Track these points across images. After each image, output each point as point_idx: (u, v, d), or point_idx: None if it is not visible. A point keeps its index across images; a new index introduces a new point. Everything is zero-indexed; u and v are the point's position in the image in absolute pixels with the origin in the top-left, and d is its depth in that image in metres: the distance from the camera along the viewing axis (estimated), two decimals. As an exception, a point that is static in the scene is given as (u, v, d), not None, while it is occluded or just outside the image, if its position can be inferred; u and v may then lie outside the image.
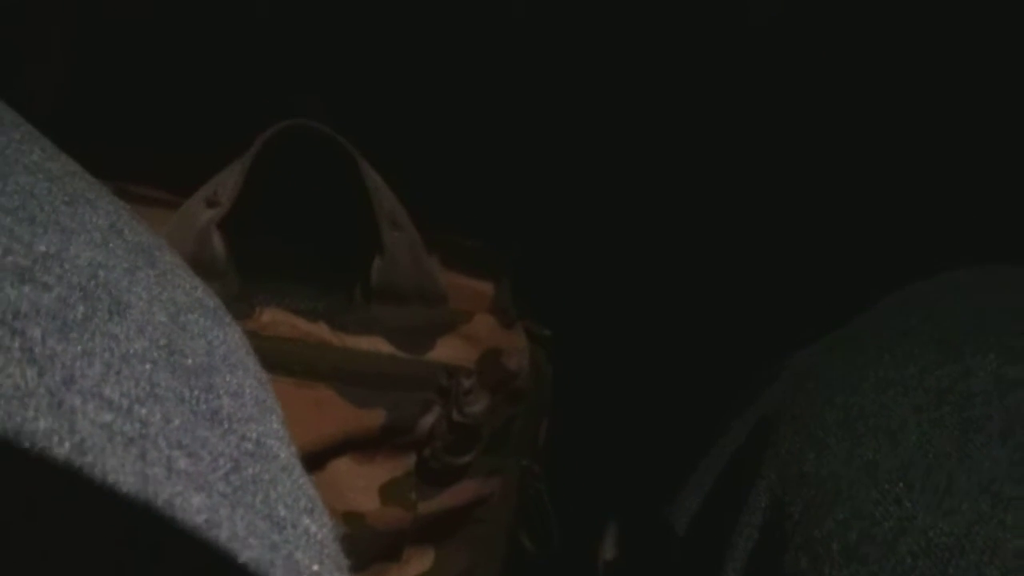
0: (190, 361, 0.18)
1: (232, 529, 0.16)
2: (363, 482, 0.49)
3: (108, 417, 0.15)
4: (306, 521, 0.18)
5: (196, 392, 0.17)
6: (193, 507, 0.15)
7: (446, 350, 0.50)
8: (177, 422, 0.16)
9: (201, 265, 0.48)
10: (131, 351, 0.16)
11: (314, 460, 0.48)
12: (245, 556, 0.16)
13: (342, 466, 0.49)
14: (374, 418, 0.48)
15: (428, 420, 0.49)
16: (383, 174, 0.49)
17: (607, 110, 0.57)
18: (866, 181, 0.53)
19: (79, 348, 0.15)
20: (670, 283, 0.58)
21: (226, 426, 0.17)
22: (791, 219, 0.55)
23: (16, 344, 0.15)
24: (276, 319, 0.48)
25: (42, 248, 0.16)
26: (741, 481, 0.33)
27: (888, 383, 0.28)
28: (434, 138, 0.57)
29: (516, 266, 0.53)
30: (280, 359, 0.48)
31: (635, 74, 0.55)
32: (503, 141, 0.58)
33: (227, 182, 0.48)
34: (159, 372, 0.16)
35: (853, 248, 0.52)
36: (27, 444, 0.14)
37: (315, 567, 0.17)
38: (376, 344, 0.49)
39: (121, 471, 0.15)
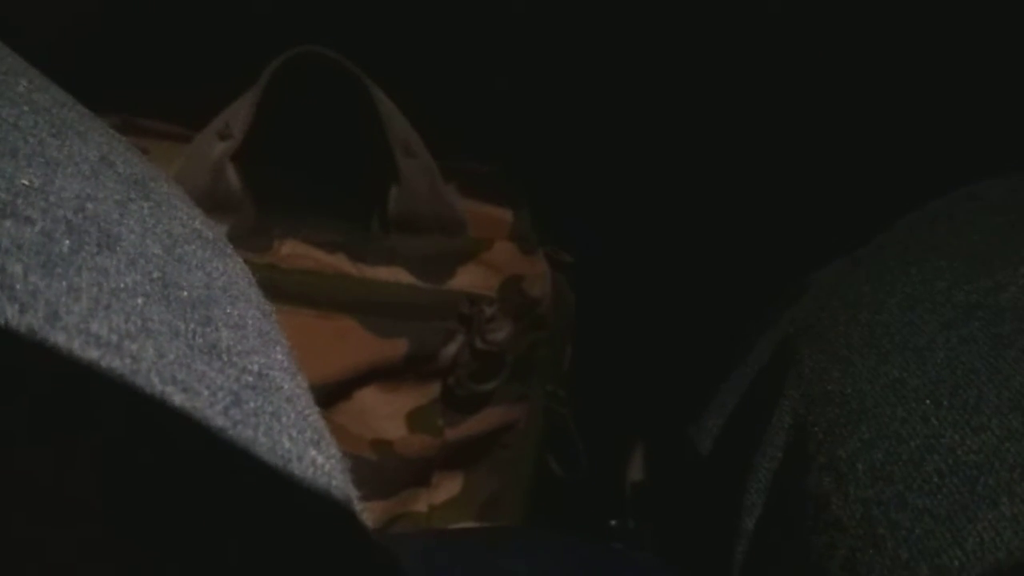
0: (186, 294, 0.17)
1: (232, 463, 0.15)
2: (390, 410, 0.50)
3: (96, 353, 0.14)
4: (312, 453, 0.18)
5: (192, 325, 0.17)
6: (189, 444, 0.15)
7: (467, 278, 0.49)
8: (171, 357, 0.16)
9: (216, 199, 0.47)
10: (121, 285, 0.16)
11: (340, 390, 0.48)
12: (248, 490, 0.16)
13: (368, 395, 0.49)
14: (397, 347, 0.48)
15: (451, 348, 0.49)
16: (396, 102, 0.48)
17: (623, 32, 0.55)
18: (888, 98, 0.51)
19: (64, 284, 0.15)
20: (691, 204, 0.57)
21: (225, 359, 0.17)
22: (814, 138, 0.53)
23: None
24: (295, 251, 0.48)
25: (25, 182, 0.16)
26: (764, 400, 0.32)
27: (915, 299, 0.28)
28: (448, 65, 0.56)
29: (535, 192, 0.52)
30: (301, 291, 0.48)
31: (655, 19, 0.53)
32: (519, 66, 0.56)
33: (238, 114, 0.48)
34: (152, 306, 0.16)
35: (875, 164, 0.51)
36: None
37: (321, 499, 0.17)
38: (396, 274, 0.49)
39: (107, 404, 0.14)
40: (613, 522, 0.47)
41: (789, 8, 0.51)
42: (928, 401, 0.25)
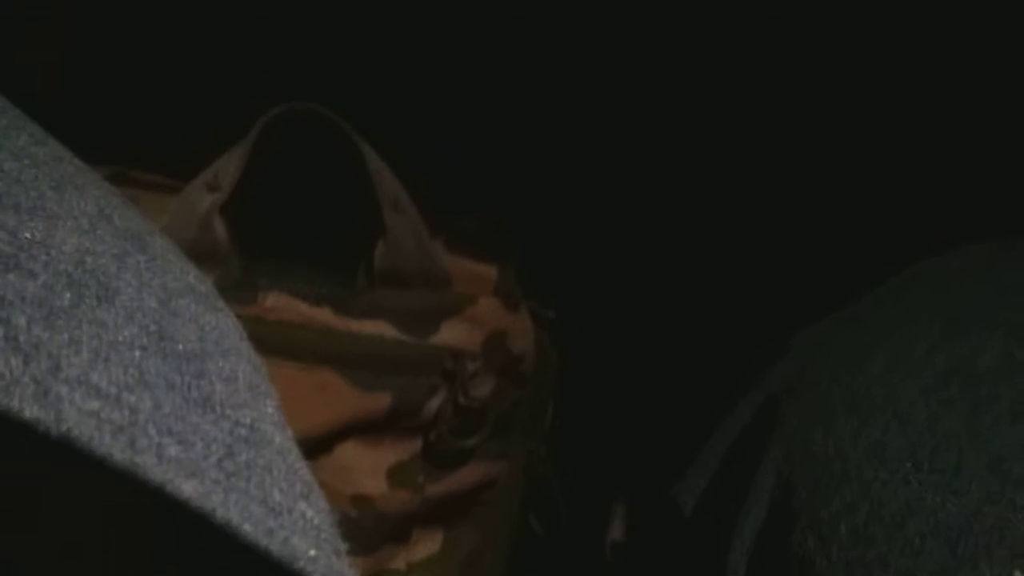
0: (181, 347, 0.17)
1: (225, 516, 0.16)
2: (370, 465, 0.49)
3: (96, 405, 0.15)
4: (302, 506, 0.18)
5: (187, 378, 0.17)
6: (184, 494, 0.15)
7: (451, 333, 0.50)
8: (168, 409, 0.16)
9: (203, 251, 0.48)
10: (120, 338, 0.16)
11: (321, 444, 0.48)
12: (239, 543, 0.16)
13: (349, 450, 0.49)
14: (380, 402, 0.48)
15: (434, 404, 0.49)
16: (385, 158, 0.49)
17: (610, 92, 0.56)
18: (875, 160, 0.52)
19: (66, 336, 0.15)
20: (675, 263, 0.57)
21: (219, 412, 0.17)
22: (798, 199, 0.54)
23: (0, 333, 0.14)
24: (280, 304, 0.48)
25: (27, 235, 0.16)
26: (747, 460, 0.32)
27: (896, 361, 0.28)
28: (436, 121, 0.57)
29: (520, 249, 0.53)
30: (284, 344, 0.48)
31: (638, 56, 0.54)
32: (505, 124, 0.57)
33: (228, 166, 0.48)
34: (149, 358, 0.16)
35: (860, 228, 0.52)
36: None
37: (312, 552, 0.17)
38: (380, 328, 0.49)
39: (110, 459, 0.14)
40: (594, 582, 0.47)
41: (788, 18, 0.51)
42: (909, 464, 0.25)
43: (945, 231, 0.33)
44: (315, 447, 0.48)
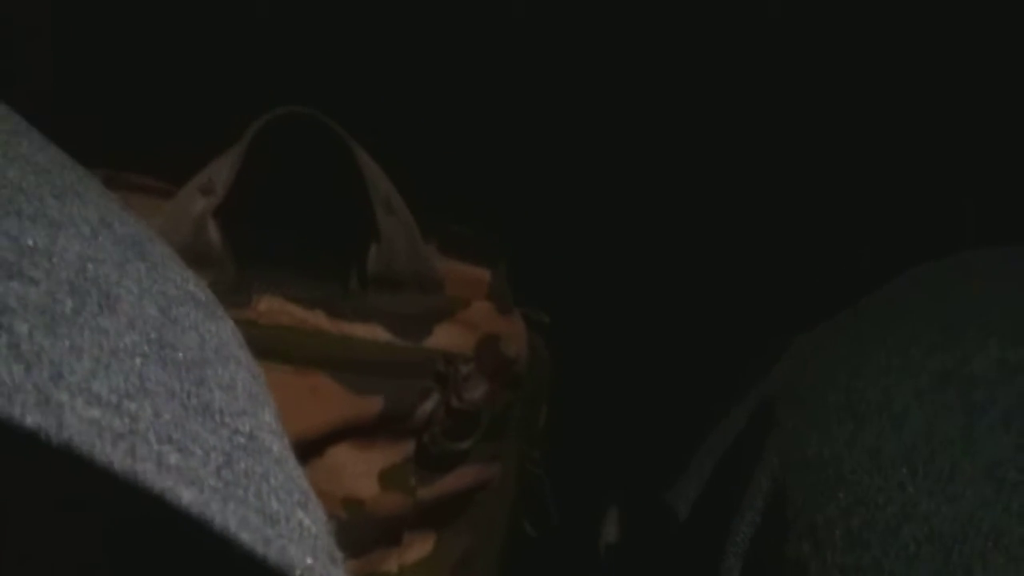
0: (181, 355, 0.17)
1: (224, 524, 0.16)
2: (362, 468, 0.49)
3: (97, 413, 0.15)
4: (299, 515, 0.18)
5: (187, 386, 0.17)
6: (183, 502, 0.15)
7: (444, 337, 0.50)
8: (168, 416, 0.16)
9: (196, 254, 0.47)
10: (121, 345, 0.16)
11: (313, 447, 0.48)
12: (237, 551, 0.16)
13: (341, 453, 0.49)
14: (372, 405, 0.48)
15: (427, 407, 0.49)
16: (378, 161, 0.49)
17: (607, 93, 0.56)
18: (872, 163, 0.53)
19: (67, 343, 0.15)
20: (669, 266, 0.57)
21: (218, 420, 0.17)
22: (793, 202, 0.54)
23: (3, 340, 0.14)
24: (273, 307, 0.48)
25: (29, 242, 0.16)
26: (742, 465, 0.32)
27: (890, 366, 0.28)
28: (429, 125, 0.57)
29: (512, 252, 0.53)
30: (277, 347, 0.48)
31: (637, 56, 0.54)
32: (498, 127, 0.57)
33: (221, 170, 0.48)
34: (149, 366, 0.16)
35: (857, 231, 0.52)
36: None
37: (309, 560, 0.17)
38: (373, 331, 0.49)
39: (110, 467, 0.14)
40: (586, 584, 0.47)
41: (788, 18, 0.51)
42: (904, 469, 0.25)
43: (940, 237, 0.33)
44: (307, 450, 0.48)
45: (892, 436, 0.26)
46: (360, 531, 0.50)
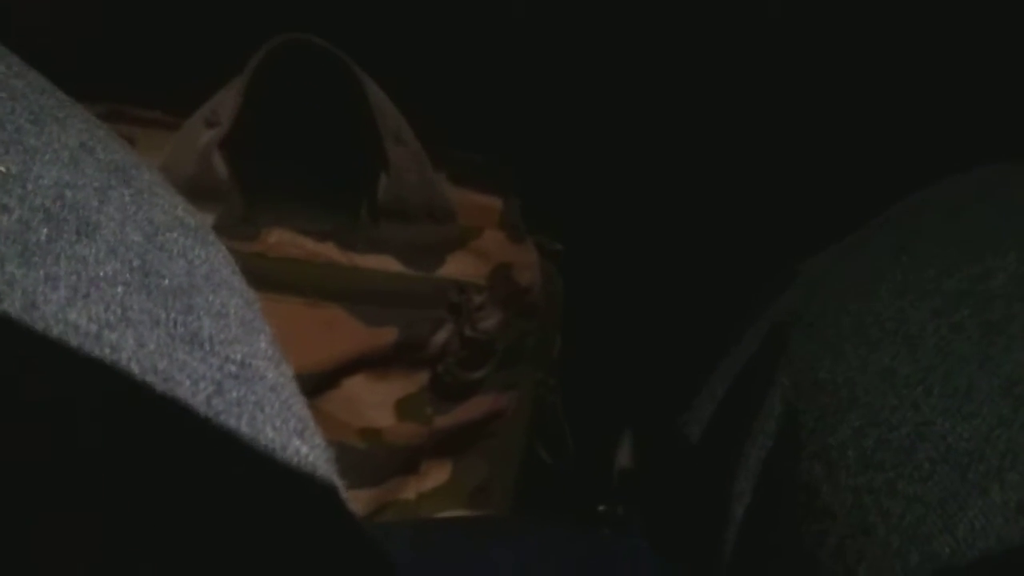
0: (167, 282, 0.17)
1: (215, 454, 0.15)
2: (378, 398, 0.50)
3: (75, 343, 0.14)
4: (296, 443, 0.17)
5: (173, 314, 0.16)
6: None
7: (456, 266, 0.49)
8: (152, 346, 0.15)
9: (203, 187, 0.47)
10: (100, 274, 0.15)
11: (328, 378, 0.48)
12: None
13: (357, 383, 0.49)
14: (386, 336, 0.48)
15: (441, 336, 0.49)
16: (386, 90, 0.48)
17: (609, 25, 0.55)
18: (878, 93, 0.51)
19: (42, 272, 0.14)
20: (681, 191, 0.56)
21: (207, 348, 0.17)
22: (806, 128, 0.53)
23: None
24: (283, 240, 0.48)
25: (1, 168, 0.15)
26: (754, 389, 0.32)
27: (905, 287, 0.27)
28: (437, 53, 0.55)
29: (524, 180, 0.52)
30: (289, 280, 0.47)
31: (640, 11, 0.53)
32: (509, 54, 0.56)
33: (226, 101, 0.47)
34: (132, 294, 0.16)
35: (867, 154, 0.51)
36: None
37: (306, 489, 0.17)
38: (385, 262, 0.48)
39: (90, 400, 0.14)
40: (602, 508, 0.47)
41: (789, 11, 0.50)
42: (919, 389, 0.25)
43: (950, 158, 0.32)
44: (323, 381, 0.48)
45: (907, 357, 0.26)
46: (378, 460, 0.50)
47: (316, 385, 0.48)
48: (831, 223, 0.34)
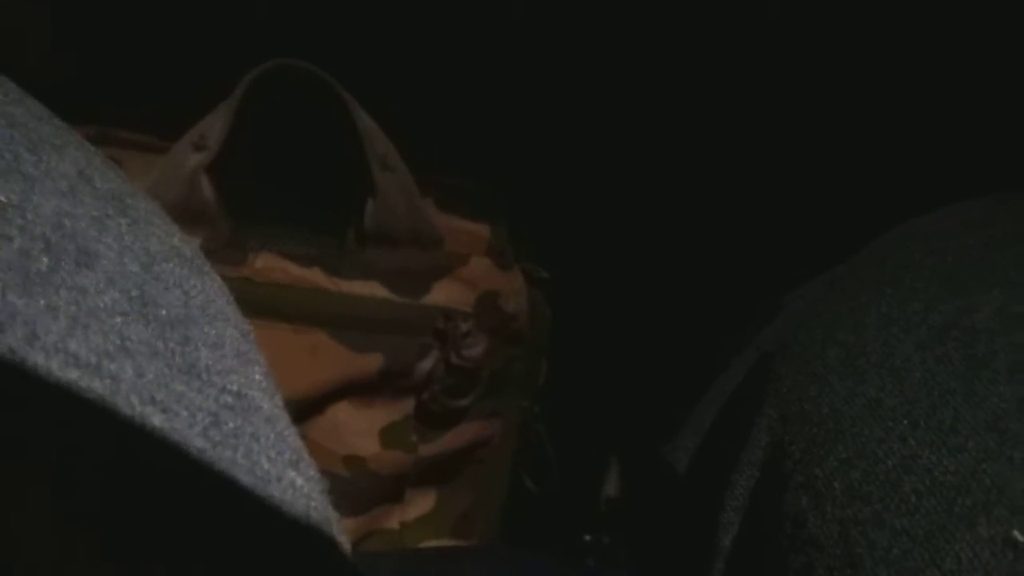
0: (165, 312, 0.17)
1: (212, 486, 0.15)
2: (363, 426, 0.49)
3: (75, 374, 0.14)
4: (291, 474, 0.17)
5: (171, 344, 0.16)
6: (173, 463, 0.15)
7: (443, 293, 0.49)
8: (151, 376, 0.15)
9: (190, 211, 0.47)
10: (100, 304, 0.15)
11: (313, 405, 0.48)
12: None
13: (342, 411, 0.49)
14: (372, 363, 0.48)
15: (426, 364, 0.49)
16: (373, 115, 0.48)
17: (601, 46, 0.55)
18: (865, 119, 0.52)
19: (42, 303, 0.14)
20: (668, 221, 0.57)
21: (204, 379, 0.17)
22: (791, 156, 0.54)
23: None
24: (269, 264, 0.48)
25: (2, 198, 0.15)
26: (741, 419, 0.32)
27: (891, 319, 0.28)
28: (426, 78, 0.56)
29: (512, 207, 0.52)
30: (275, 305, 0.47)
31: (632, 14, 0.53)
32: (496, 81, 0.56)
33: (214, 125, 0.47)
34: (131, 325, 0.16)
35: (852, 186, 0.51)
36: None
37: (301, 520, 0.17)
38: (372, 289, 0.48)
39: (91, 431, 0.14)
40: (587, 537, 0.47)
41: (788, 18, 0.51)
42: (905, 421, 0.25)
43: (937, 189, 0.33)
44: (307, 408, 0.48)
45: (893, 389, 0.26)
46: (362, 488, 0.50)
47: (301, 412, 0.48)
48: (818, 254, 0.34)
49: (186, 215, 0.47)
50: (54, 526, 0.14)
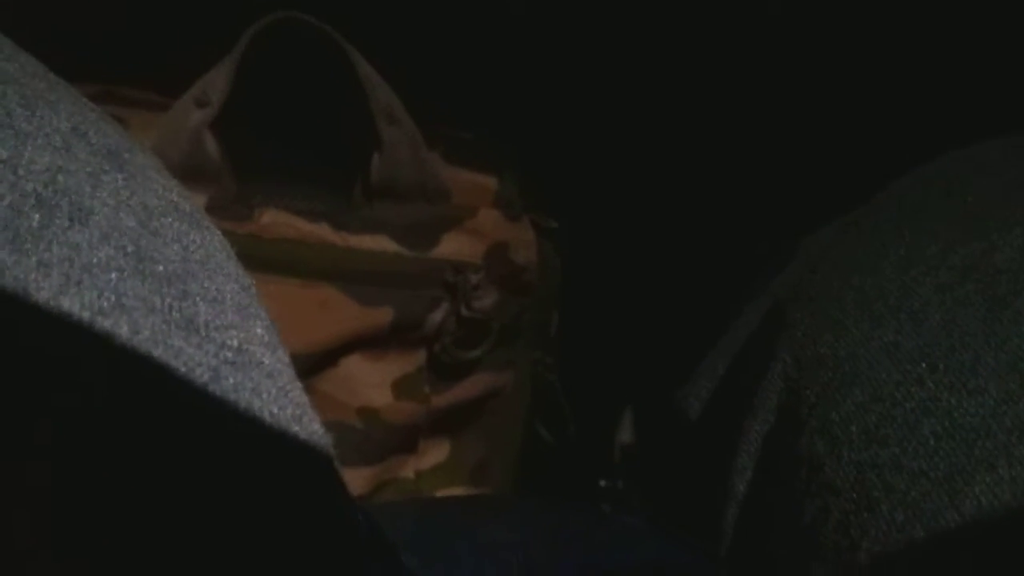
0: (162, 268, 0.16)
1: (212, 441, 0.15)
2: (376, 378, 0.49)
3: (68, 331, 0.14)
4: (294, 429, 0.17)
5: (169, 300, 0.16)
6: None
7: (452, 246, 0.49)
8: (147, 333, 0.15)
9: (194, 168, 0.47)
10: (94, 260, 0.15)
11: (325, 359, 0.48)
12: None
13: (354, 363, 0.49)
14: (382, 316, 0.48)
15: (437, 316, 0.49)
16: (378, 68, 0.47)
17: (619, 12, 0.54)
18: (881, 57, 0.51)
19: (34, 259, 0.14)
20: (677, 166, 0.56)
21: (203, 334, 0.16)
22: (805, 101, 0.53)
23: None
24: (276, 220, 0.47)
25: None
26: (755, 364, 0.32)
27: (909, 261, 0.27)
28: (430, 29, 0.55)
29: (519, 157, 0.51)
30: (283, 261, 0.47)
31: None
32: (502, 30, 0.55)
33: (216, 81, 0.47)
34: (126, 281, 0.15)
35: (870, 130, 0.50)
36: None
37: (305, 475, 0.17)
38: (380, 242, 0.48)
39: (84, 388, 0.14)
40: (603, 483, 0.47)
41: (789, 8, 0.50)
42: (923, 364, 0.25)
43: (949, 136, 0.32)
44: (319, 362, 0.48)
45: (911, 332, 0.26)
46: (376, 439, 0.50)
47: (312, 365, 0.48)
48: (833, 199, 0.34)
49: (190, 172, 0.47)
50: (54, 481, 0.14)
